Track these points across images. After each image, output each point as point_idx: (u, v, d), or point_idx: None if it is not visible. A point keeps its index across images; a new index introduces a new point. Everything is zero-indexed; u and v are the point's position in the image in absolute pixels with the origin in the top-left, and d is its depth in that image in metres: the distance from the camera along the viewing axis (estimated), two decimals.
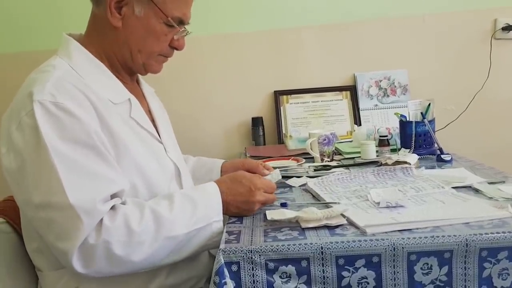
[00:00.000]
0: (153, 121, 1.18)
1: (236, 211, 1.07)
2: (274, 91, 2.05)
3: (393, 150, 1.62)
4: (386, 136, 1.62)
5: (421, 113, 1.61)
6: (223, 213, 1.05)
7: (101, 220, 0.92)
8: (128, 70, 1.17)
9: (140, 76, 1.26)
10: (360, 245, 0.85)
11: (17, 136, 0.94)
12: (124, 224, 0.93)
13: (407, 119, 1.63)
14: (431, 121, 1.62)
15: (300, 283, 0.86)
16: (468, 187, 1.16)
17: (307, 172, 1.47)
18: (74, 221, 0.90)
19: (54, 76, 0.99)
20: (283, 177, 1.42)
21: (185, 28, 1.14)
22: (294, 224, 0.97)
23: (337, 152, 1.71)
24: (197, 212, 1.00)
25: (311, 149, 1.61)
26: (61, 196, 0.90)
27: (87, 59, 1.09)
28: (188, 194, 1.04)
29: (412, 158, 1.41)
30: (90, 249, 0.91)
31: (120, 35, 1.10)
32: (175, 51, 1.18)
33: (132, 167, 1.03)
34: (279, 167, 1.44)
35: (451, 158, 1.51)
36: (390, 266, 0.85)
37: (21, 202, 0.98)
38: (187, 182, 1.21)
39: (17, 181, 0.95)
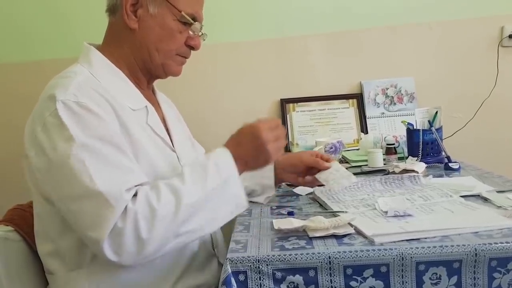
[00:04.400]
0: (167, 130, 1.20)
1: (254, 161, 1.05)
2: (281, 99, 2.05)
3: (401, 158, 1.62)
4: (393, 144, 1.61)
5: (428, 121, 1.61)
6: (244, 170, 1.04)
7: (126, 205, 0.94)
8: (147, 74, 1.19)
9: (155, 86, 1.29)
10: (368, 255, 0.85)
11: (43, 136, 0.97)
12: (145, 202, 0.94)
13: (414, 127, 1.63)
14: (439, 129, 1.61)
15: None
16: (477, 196, 1.15)
17: None
18: (104, 208, 0.92)
19: (76, 81, 1.03)
20: (288, 185, 1.42)
21: (199, 23, 1.17)
22: (301, 233, 0.97)
23: (344, 160, 1.71)
24: (208, 171, 0.99)
25: None
26: (91, 185, 0.92)
27: (107, 67, 1.13)
28: (194, 161, 1.06)
29: (420, 166, 1.41)
30: (119, 233, 0.92)
31: (137, 37, 1.13)
32: (192, 52, 1.20)
33: (148, 171, 1.05)
34: None
35: (459, 166, 1.50)
36: (399, 276, 0.85)
37: (55, 199, 0.99)
38: None
39: (48, 179, 0.98)
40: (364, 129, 2.00)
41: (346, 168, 1.27)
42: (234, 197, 1.01)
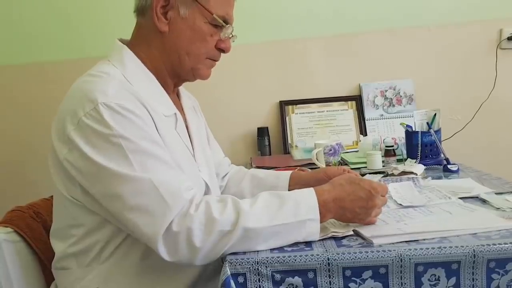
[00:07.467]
0: (189, 138, 1.18)
1: (350, 216, 0.98)
2: (280, 101, 2.06)
3: (399, 160, 1.62)
4: (392, 146, 1.62)
5: (427, 123, 1.61)
6: (338, 218, 1.00)
7: (187, 209, 0.92)
8: (175, 78, 1.16)
9: (181, 90, 1.26)
10: (367, 256, 0.85)
11: (78, 136, 0.95)
12: (206, 212, 0.92)
13: (413, 129, 1.63)
14: (437, 131, 1.61)
15: None
16: (475, 198, 1.15)
17: None
18: (161, 204, 0.91)
19: (113, 83, 1.00)
20: None
21: (230, 25, 1.14)
22: None
23: (343, 162, 1.71)
24: (285, 208, 0.94)
25: (317, 159, 1.61)
26: (147, 183, 0.92)
27: (140, 70, 1.09)
28: (275, 192, 1.00)
29: (419, 168, 1.41)
30: (174, 237, 0.91)
31: (167, 40, 1.10)
32: (222, 55, 1.17)
33: None
34: None
35: (458, 168, 1.50)
36: (398, 278, 0.85)
37: (99, 196, 0.97)
38: None
39: (92, 179, 0.96)
40: (363, 131, 2.00)
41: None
42: (307, 235, 0.95)
